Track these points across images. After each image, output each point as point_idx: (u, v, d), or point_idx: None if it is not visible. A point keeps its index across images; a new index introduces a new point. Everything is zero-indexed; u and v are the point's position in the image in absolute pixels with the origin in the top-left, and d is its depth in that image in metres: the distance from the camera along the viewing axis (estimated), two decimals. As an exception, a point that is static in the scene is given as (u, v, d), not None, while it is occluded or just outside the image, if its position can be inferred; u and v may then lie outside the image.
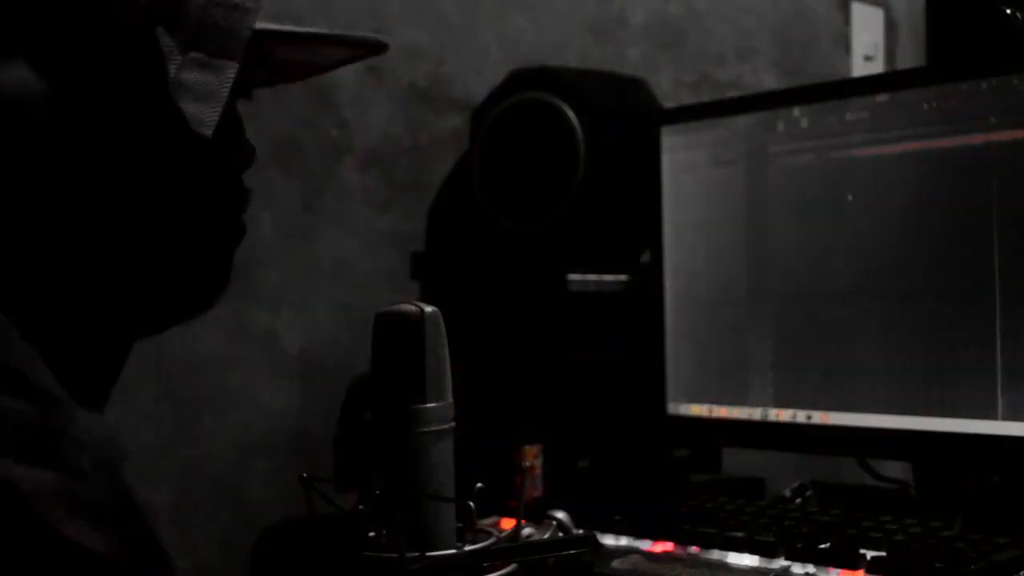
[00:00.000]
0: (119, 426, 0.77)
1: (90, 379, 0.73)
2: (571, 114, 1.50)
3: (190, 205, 0.75)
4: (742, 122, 1.41)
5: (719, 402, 1.42)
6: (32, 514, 0.57)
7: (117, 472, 0.63)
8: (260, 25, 0.73)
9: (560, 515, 1.09)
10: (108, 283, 0.73)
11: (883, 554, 1.07)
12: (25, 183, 0.69)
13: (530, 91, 1.55)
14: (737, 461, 1.59)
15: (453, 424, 0.87)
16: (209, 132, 0.70)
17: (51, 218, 0.70)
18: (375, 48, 0.86)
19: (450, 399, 0.87)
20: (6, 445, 0.57)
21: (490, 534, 0.88)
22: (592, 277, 1.50)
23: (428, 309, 0.85)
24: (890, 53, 2.21)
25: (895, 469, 1.42)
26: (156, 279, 0.75)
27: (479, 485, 0.87)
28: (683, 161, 1.47)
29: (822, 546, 1.10)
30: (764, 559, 1.11)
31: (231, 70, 0.71)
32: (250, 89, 0.81)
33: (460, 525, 0.86)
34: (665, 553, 1.16)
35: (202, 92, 0.70)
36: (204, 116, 0.70)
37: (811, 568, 1.07)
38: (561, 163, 1.50)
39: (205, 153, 0.72)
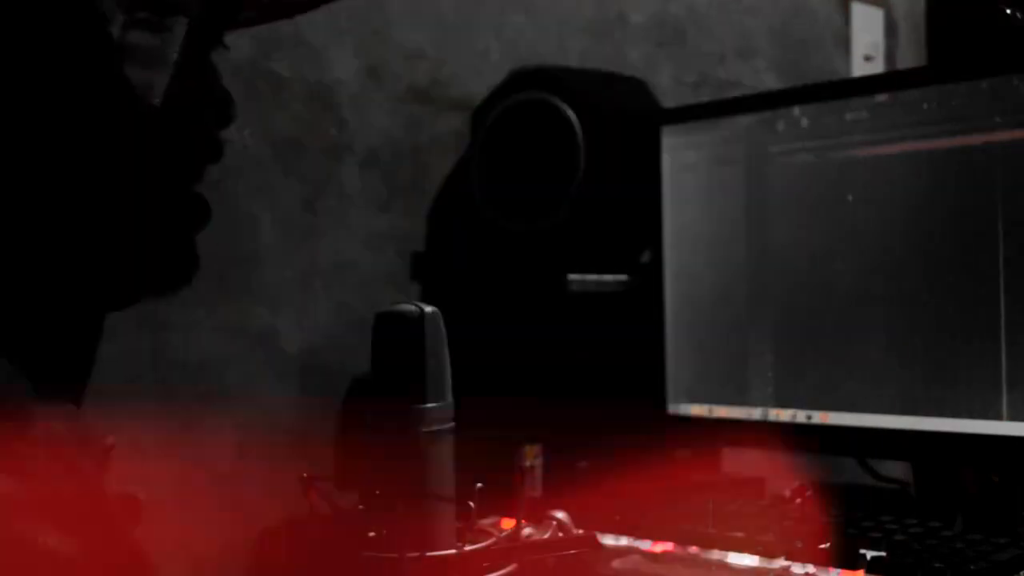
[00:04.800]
0: (118, 426, 0.77)
1: (59, 372, 0.68)
2: (571, 114, 1.50)
3: (148, 170, 0.67)
4: (742, 122, 1.41)
5: (719, 402, 1.42)
6: None
7: (86, 471, 0.61)
8: None
9: (560, 515, 1.09)
10: (57, 257, 0.66)
11: (883, 554, 1.07)
12: None
13: (530, 91, 1.55)
14: (737, 461, 1.59)
15: (453, 424, 0.87)
16: (158, 100, 0.63)
17: None
18: None
19: (450, 399, 0.87)
20: None
21: (490, 534, 0.88)
22: (592, 277, 1.50)
23: (428, 309, 0.85)
24: (890, 53, 2.21)
25: (895, 469, 1.42)
26: (111, 255, 0.68)
27: (479, 485, 0.87)
28: (683, 161, 1.46)
29: (822, 546, 1.10)
30: (764, 559, 1.11)
31: (180, 27, 0.64)
32: (227, 29, 0.73)
33: (460, 525, 0.86)
34: (665, 553, 1.16)
35: (150, 56, 0.63)
36: (152, 83, 0.63)
37: (811, 568, 1.07)
38: (561, 163, 1.50)
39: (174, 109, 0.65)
